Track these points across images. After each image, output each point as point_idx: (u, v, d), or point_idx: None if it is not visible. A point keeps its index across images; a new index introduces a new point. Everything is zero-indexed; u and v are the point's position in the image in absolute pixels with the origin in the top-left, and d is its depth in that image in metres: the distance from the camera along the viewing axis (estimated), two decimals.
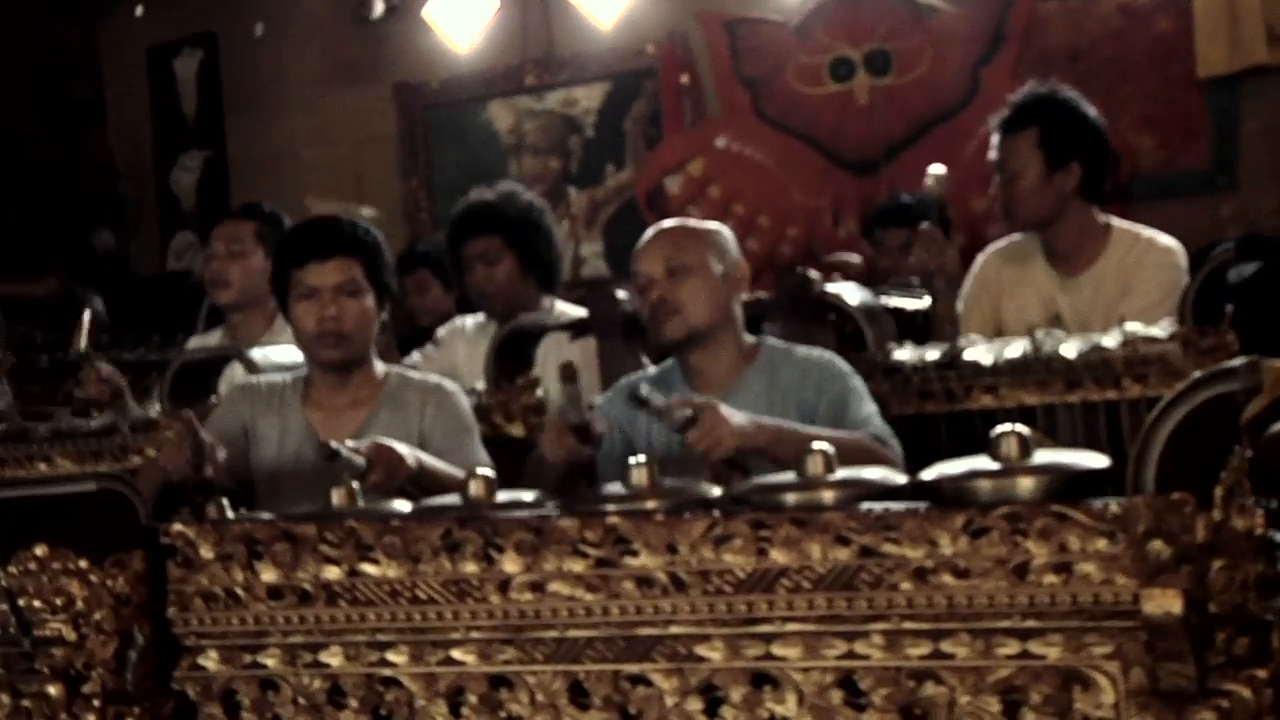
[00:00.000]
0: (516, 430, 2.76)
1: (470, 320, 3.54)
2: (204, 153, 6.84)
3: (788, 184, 5.24)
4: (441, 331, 3.56)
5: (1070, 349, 2.51)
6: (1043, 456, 1.55)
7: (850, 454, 2.20)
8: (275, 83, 6.45)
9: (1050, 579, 1.45)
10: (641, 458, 1.76)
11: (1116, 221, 3.10)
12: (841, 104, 5.17)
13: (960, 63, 4.98)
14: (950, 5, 5.00)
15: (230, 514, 1.96)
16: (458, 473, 2.28)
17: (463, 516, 1.73)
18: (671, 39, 5.47)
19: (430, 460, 2.37)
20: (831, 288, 2.68)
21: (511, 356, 2.88)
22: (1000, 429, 1.54)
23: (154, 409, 3.01)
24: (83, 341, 3.10)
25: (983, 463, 1.55)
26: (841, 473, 1.65)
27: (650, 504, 1.68)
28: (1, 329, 3.57)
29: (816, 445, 1.67)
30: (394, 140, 6.14)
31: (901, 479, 1.64)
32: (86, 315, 3.15)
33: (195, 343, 3.68)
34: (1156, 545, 1.38)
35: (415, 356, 3.45)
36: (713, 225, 2.62)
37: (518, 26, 5.77)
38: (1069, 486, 1.49)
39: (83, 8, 7.06)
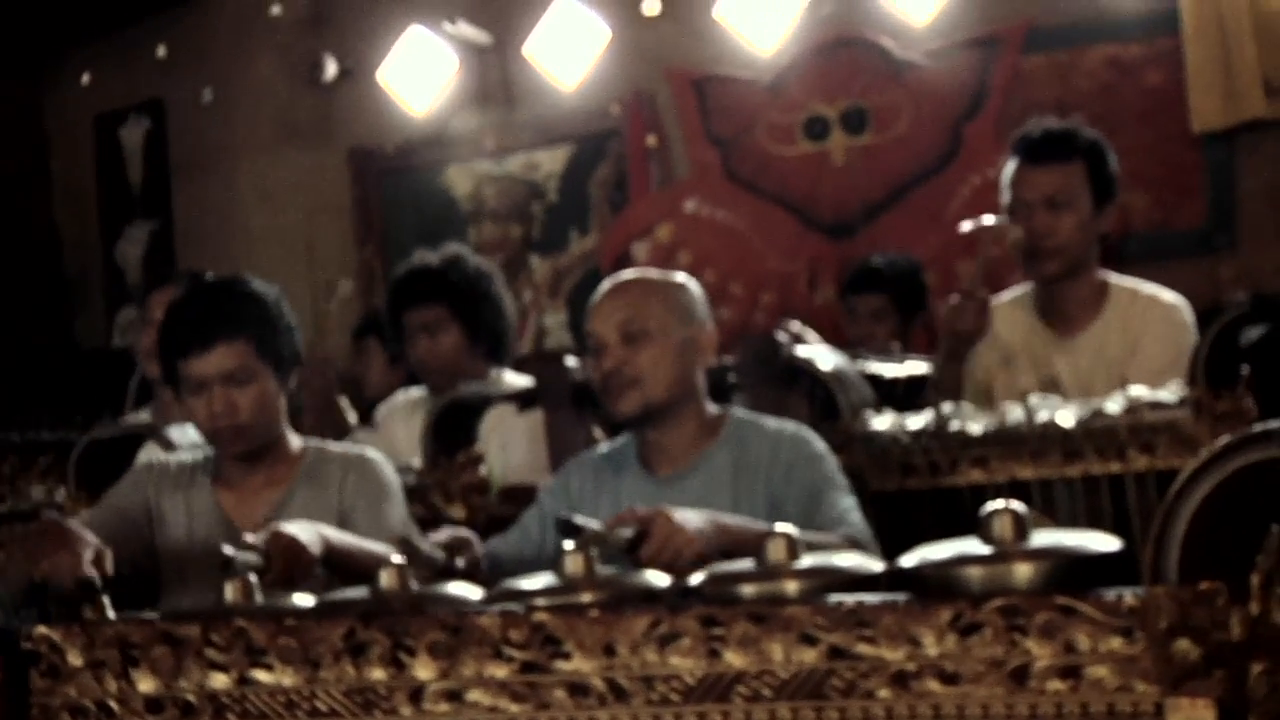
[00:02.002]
0: (456, 511, 2.55)
1: (408, 395, 3.36)
2: (150, 223, 6.71)
3: (761, 249, 5.09)
4: (380, 411, 3.38)
5: (1068, 416, 2.31)
6: (1042, 538, 1.36)
7: None
8: (224, 149, 6.32)
9: (1055, 685, 1.26)
10: (570, 544, 1.57)
11: (1114, 277, 2.93)
12: (816, 164, 5.03)
13: (941, 120, 4.86)
14: (929, 60, 4.88)
15: (111, 614, 1.75)
16: (383, 550, 2.07)
17: (368, 612, 1.52)
18: (637, 98, 5.35)
19: (349, 540, 2.16)
20: (802, 351, 2.48)
21: (451, 431, 2.67)
22: (992, 506, 1.35)
23: (59, 492, 2.79)
24: None
25: (972, 546, 1.36)
26: (808, 559, 1.45)
27: (585, 597, 1.48)
28: None
29: (780, 527, 1.48)
30: (347, 207, 5.98)
31: (878, 566, 1.45)
32: None
33: (124, 421, 3.47)
34: (1183, 645, 1.18)
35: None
36: (677, 280, 2.39)
37: (476, 88, 5.65)
38: (1074, 574, 1.30)
39: (26, 75, 6.94)
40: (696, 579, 1.47)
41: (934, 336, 3.50)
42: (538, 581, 1.56)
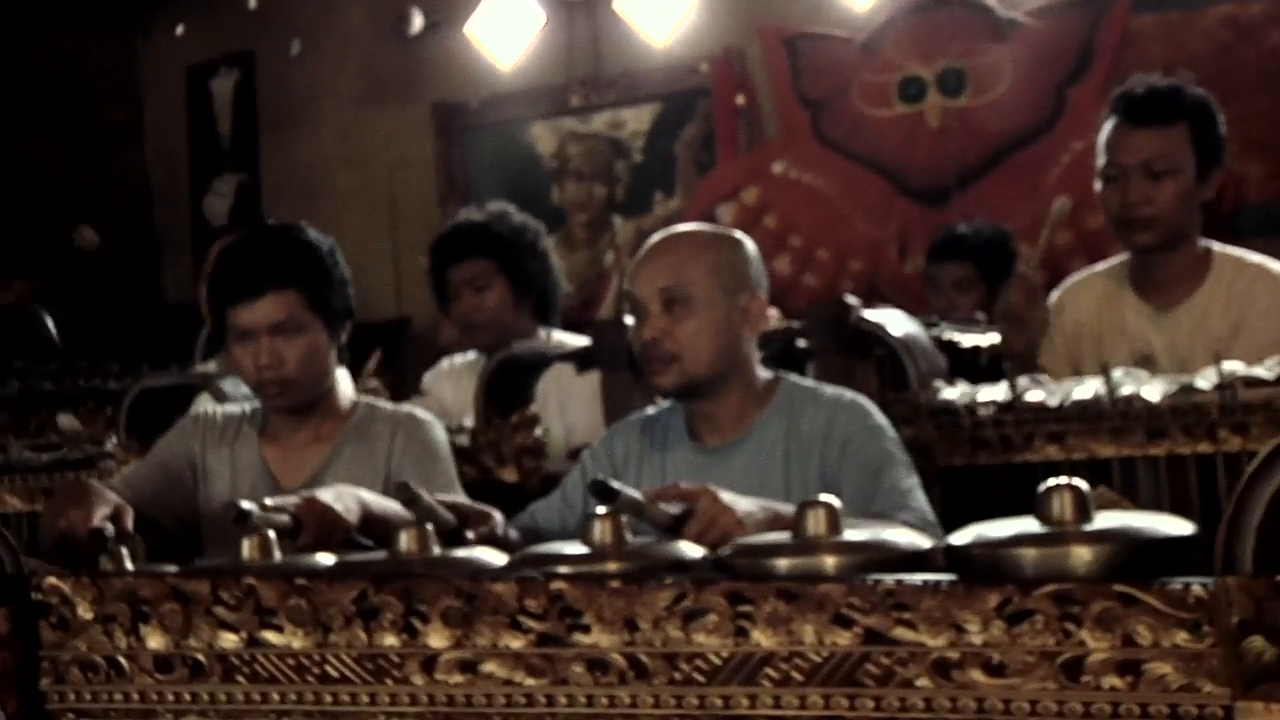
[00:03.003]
0: (509, 475, 2.47)
1: (456, 359, 3.29)
2: (238, 176, 6.78)
3: (850, 214, 4.99)
4: (427, 376, 3.31)
5: (1154, 391, 2.16)
6: (1106, 520, 1.24)
7: None
8: (311, 102, 6.38)
9: (1112, 681, 1.15)
10: (602, 509, 1.47)
11: (1217, 246, 2.76)
12: (910, 127, 4.91)
13: (1044, 82, 4.70)
14: (1033, 19, 4.70)
15: (130, 566, 1.71)
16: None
17: (380, 575, 1.45)
18: (727, 56, 5.24)
19: (390, 506, 2.09)
20: (873, 315, 2.35)
21: (505, 391, 2.59)
22: (1050, 482, 1.24)
23: (110, 442, 2.77)
24: None
25: (1028, 525, 1.25)
26: (851, 533, 1.34)
27: (609, 566, 1.39)
28: None
29: (823, 498, 1.37)
30: (431, 164, 5.99)
31: (926, 543, 1.34)
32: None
33: (187, 372, 3.45)
34: (1256, 643, 1.07)
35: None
36: (729, 237, 2.24)
37: (564, 43, 5.58)
38: (1139, 560, 1.19)
39: (122, 28, 7.00)
40: (724, 552, 1.38)
41: None
42: (565, 548, 1.47)
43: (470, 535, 1.89)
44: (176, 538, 2.39)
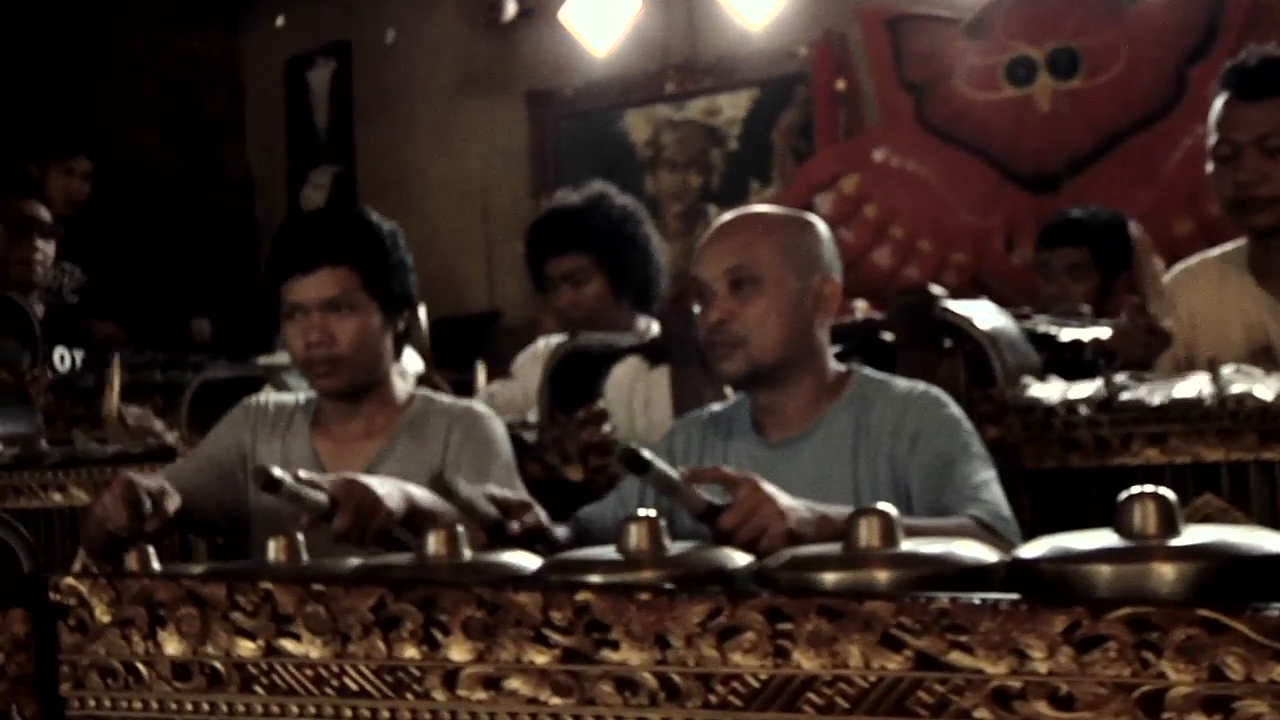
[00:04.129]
0: (574, 473, 2.38)
1: (552, 339, 3.20)
2: (334, 168, 6.82)
3: (954, 203, 4.85)
4: (519, 358, 3.23)
5: (1267, 390, 1.99)
6: (1195, 534, 1.11)
7: None
8: (405, 93, 6.39)
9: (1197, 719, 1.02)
10: (648, 511, 1.37)
11: None
12: (1019, 111, 4.76)
13: (1164, 61, 4.53)
14: None
15: (156, 565, 1.65)
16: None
17: (400, 582, 1.36)
18: (826, 40, 5.13)
19: (439, 504, 2.00)
20: (958, 306, 2.21)
21: (571, 384, 2.50)
22: (1131, 491, 1.11)
23: (172, 434, 2.73)
24: (113, 401, 2.86)
25: (1106, 539, 1.12)
26: (907, 545, 1.23)
27: (643, 575, 1.29)
28: (40, 342, 3.36)
29: (882, 506, 1.26)
30: (524, 153, 5.97)
31: (991, 556, 1.22)
32: (115, 377, 2.90)
33: (262, 362, 3.42)
34: None
35: (483, 394, 3.12)
36: (801, 218, 2.12)
37: (659, 28, 5.51)
38: (1231, 580, 1.06)
39: (224, 21, 7.07)
40: (768, 562, 1.27)
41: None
42: (598, 555, 1.38)
43: (514, 527, 1.80)
44: (228, 533, 2.35)
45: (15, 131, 5.22)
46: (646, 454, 1.57)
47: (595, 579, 1.30)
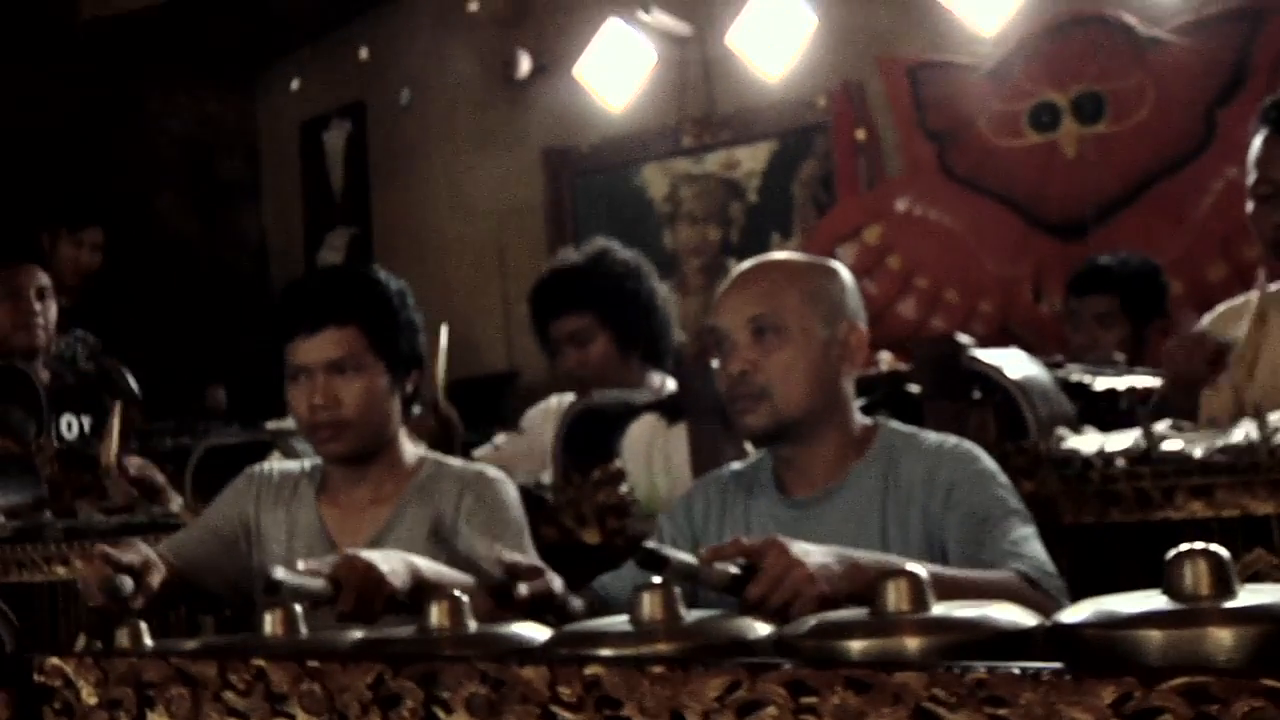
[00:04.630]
0: (591, 536, 2.31)
1: (564, 398, 3.13)
2: (349, 230, 6.80)
3: (980, 252, 4.76)
4: (529, 414, 3.16)
5: None
6: (1254, 595, 1.03)
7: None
8: (420, 152, 6.36)
9: None
10: (655, 579, 1.30)
11: None
12: (1044, 158, 4.67)
13: (1191, 104, 4.44)
14: (1179, 37, 4.44)
15: (149, 642, 1.58)
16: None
17: (399, 656, 1.29)
18: (846, 90, 5.06)
19: (446, 573, 1.93)
20: (987, 355, 2.14)
21: (586, 443, 2.42)
22: (1181, 549, 1.04)
23: (176, 503, 2.67)
24: (112, 449, 2.80)
25: (1155, 601, 1.04)
26: (938, 608, 1.15)
27: (658, 647, 1.21)
28: (46, 410, 3.31)
29: (911, 568, 1.19)
30: (540, 211, 5.92)
31: (1029, 621, 1.14)
32: (115, 424, 2.84)
33: (270, 427, 3.36)
34: None
35: (487, 448, 3.05)
36: (824, 265, 2.06)
37: (675, 81, 5.47)
38: None
39: (240, 84, 7.09)
40: (791, 630, 1.19)
41: None
42: (610, 625, 1.30)
43: (522, 591, 1.72)
44: (234, 607, 2.28)
45: (27, 199, 5.21)
46: (665, 550, 1.50)
47: (606, 651, 1.22)
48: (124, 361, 5.29)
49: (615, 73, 5.46)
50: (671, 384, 2.93)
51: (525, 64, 5.76)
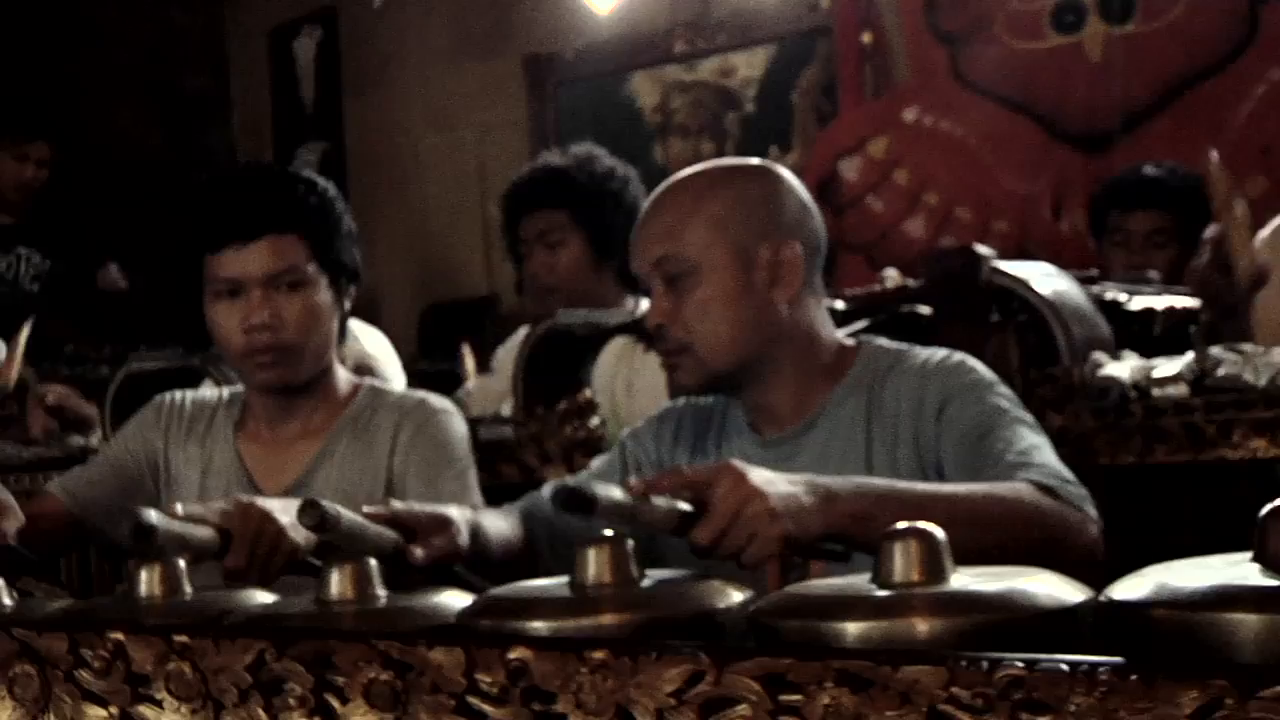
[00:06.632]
0: (556, 474, 2.11)
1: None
2: (322, 144, 6.72)
3: (995, 166, 4.59)
4: (499, 352, 2.97)
5: None
6: None
7: (1001, 521, 1.45)
8: (395, 61, 6.24)
9: None
10: (607, 531, 1.07)
11: None
12: (1067, 61, 4.49)
13: (1229, 1, 4.25)
14: None
15: (6, 601, 1.36)
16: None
17: (285, 633, 1.07)
18: None
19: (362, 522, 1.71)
20: (1011, 268, 1.92)
21: (551, 371, 2.21)
22: (1276, 504, 0.82)
23: (94, 436, 2.47)
24: (13, 372, 2.59)
25: (1242, 572, 0.83)
26: (961, 577, 0.93)
27: (599, 621, 1.00)
28: None
29: (922, 526, 0.96)
30: (522, 123, 5.80)
31: (1075, 595, 0.92)
32: (22, 340, 2.62)
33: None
34: None
35: (460, 391, 2.87)
36: (735, 171, 1.83)
37: None
38: None
39: None
40: (762, 603, 0.97)
41: None
42: (545, 590, 1.08)
43: (418, 554, 1.49)
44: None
45: None
46: (592, 488, 1.25)
47: (536, 626, 1.00)
48: (78, 283, 5.10)
49: None
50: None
51: None
